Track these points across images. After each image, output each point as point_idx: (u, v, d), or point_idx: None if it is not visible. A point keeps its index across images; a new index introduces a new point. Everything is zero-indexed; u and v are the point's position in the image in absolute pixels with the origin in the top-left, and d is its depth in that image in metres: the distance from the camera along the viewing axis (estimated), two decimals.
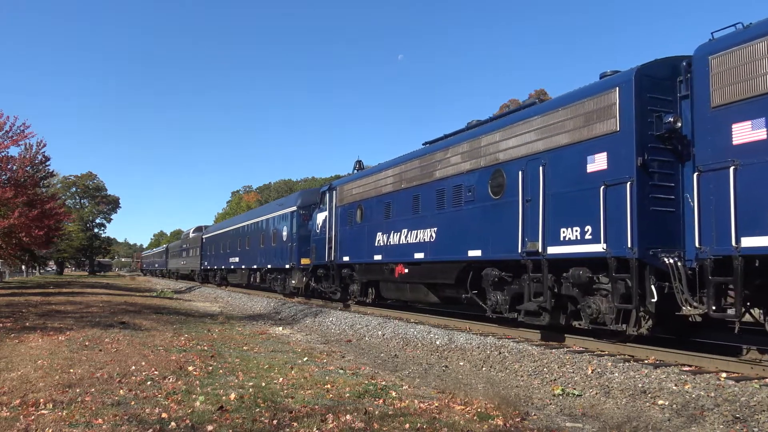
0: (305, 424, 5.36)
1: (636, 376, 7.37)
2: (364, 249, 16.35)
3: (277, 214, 25.80)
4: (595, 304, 8.90)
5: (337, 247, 18.07)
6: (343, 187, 18.24)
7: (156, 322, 15.23)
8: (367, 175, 16.89)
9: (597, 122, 8.88)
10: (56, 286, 36.80)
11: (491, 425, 5.64)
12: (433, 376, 8.94)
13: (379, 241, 15.37)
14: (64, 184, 78.98)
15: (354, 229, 17.09)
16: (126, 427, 5.17)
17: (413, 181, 13.98)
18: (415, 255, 13.55)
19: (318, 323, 16.11)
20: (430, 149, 13.74)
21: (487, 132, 11.61)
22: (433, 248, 12.92)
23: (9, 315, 15.73)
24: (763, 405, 5.96)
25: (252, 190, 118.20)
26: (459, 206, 12.05)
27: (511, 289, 10.75)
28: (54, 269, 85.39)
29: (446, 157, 12.72)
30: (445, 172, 12.66)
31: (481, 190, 11.36)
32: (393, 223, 14.76)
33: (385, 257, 15.14)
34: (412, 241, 13.76)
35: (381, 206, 15.51)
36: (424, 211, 13.35)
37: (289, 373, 8.21)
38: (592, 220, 8.77)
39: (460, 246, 11.88)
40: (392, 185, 15.02)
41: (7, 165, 24.28)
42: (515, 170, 10.43)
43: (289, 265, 22.98)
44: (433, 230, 12.95)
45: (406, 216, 14.16)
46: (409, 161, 14.36)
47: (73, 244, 75.62)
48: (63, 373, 7.60)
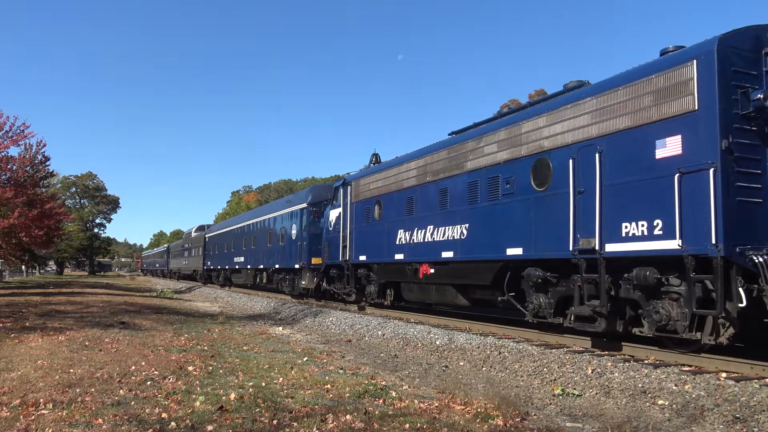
0: (305, 424, 5.35)
1: (636, 376, 7.37)
2: (383, 248, 15.25)
3: (286, 211, 24.59)
4: (664, 309, 7.89)
5: (353, 245, 16.97)
6: (359, 182, 17.03)
7: (156, 322, 15.24)
8: (387, 168, 15.66)
9: (668, 101, 7.85)
10: (56, 286, 36.79)
11: (491, 425, 5.64)
12: (433, 376, 8.93)
13: (401, 238, 14.29)
14: (64, 184, 78.99)
15: (372, 226, 15.98)
16: (126, 427, 5.17)
17: (440, 173, 12.85)
18: (442, 254, 12.49)
19: (318, 323, 16.10)
20: (460, 138, 12.54)
21: (529, 117, 10.44)
22: (464, 246, 11.83)
23: (9, 315, 15.73)
24: (763, 405, 5.96)
25: (252, 190, 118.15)
26: (495, 200, 10.98)
27: (556, 291, 9.78)
28: (54, 269, 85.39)
29: (479, 146, 11.61)
30: (478, 162, 11.54)
31: (522, 181, 10.29)
32: (417, 220, 13.69)
33: (407, 256, 14.06)
34: (439, 239, 12.69)
35: (403, 201, 14.40)
36: (454, 206, 12.26)
37: (289, 373, 8.21)
38: (664, 212, 7.71)
39: (496, 244, 10.83)
40: (416, 178, 13.87)
41: (7, 165, 24.28)
42: (564, 159, 9.39)
43: (299, 264, 21.81)
44: (464, 227, 11.82)
45: (432, 211, 13.08)
46: (435, 152, 13.19)
47: (73, 244, 75.65)
48: (63, 373, 7.60)
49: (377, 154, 18.36)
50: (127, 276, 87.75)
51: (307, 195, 22.63)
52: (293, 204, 23.81)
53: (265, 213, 28.68)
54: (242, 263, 31.34)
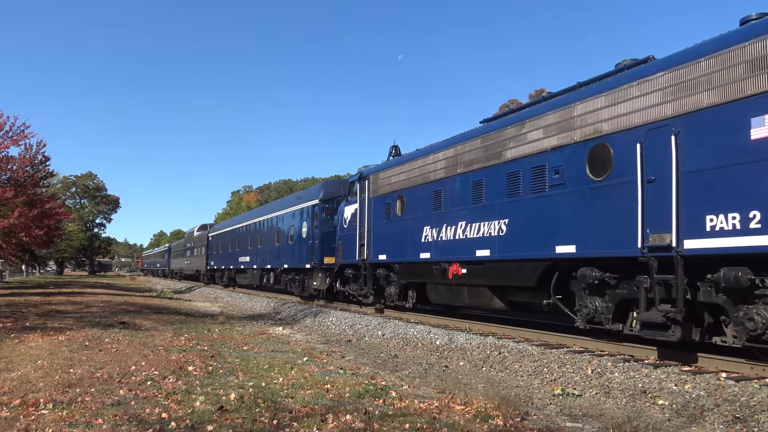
0: (305, 424, 5.35)
1: (636, 376, 7.37)
2: (406, 246, 14.09)
3: (296, 208, 23.27)
4: (760, 316, 6.79)
5: (371, 244, 15.83)
6: (378, 176, 15.79)
7: (156, 322, 15.24)
8: (410, 160, 14.47)
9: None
10: (56, 286, 36.80)
11: (491, 425, 5.64)
12: (433, 376, 8.93)
13: (427, 236, 13.18)
14: (64, 184, 79.03)
15: (393, 223, 14.84)
16: (126, 427, 5.17)
17: (474, 164, 11.66)
18: (477, 252, 11.37)
19: (318, 323, 16.11)
20: (497, 125, 11.36)
21: (583, 98, 9.31)
22: (502, 244, 10.72)
23: (9, 315, 15.73)
24: (763, 405, 5.96)
25: (252, 190, 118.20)
26: (541, 192, 9.87)
27: (615, 294, 8.67)
28: (54, 269, 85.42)
29: (521, 132, 10.45)
30: (521, 151, 10.41)
31: (575, 170, 9.19)
32: (446, 215, 12.51)
33: (435, 255, 12.90)
34: (472, 236, 11.54)
35: (429, 195, 13.22)
36: (490, 199, 11.12)
37: (289, 373, 8.22)
38: (761, 203, 6.65)
39: (543, 241, 9.75)
40: (444, 170, 12.69)
41: (7, 165, 24.28)
42: (629, 143, 8.25)
43: (310, 264, 20.59)
44: (502, 222, 10.72)
45: (463, 206, 11.93)
46: (468, 141, 12.01)
47: (73, 244, 75.67)
48: (63, 373, 7.61)
49: (397, 146, 17.01)
50: (127, 276, 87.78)
51: (318, 191, 21.29)
52: (304, 201, 22.60)
53: (272, 210, 27.56)
54: (248, 263, 30.37)
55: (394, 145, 16.97)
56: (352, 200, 17.36)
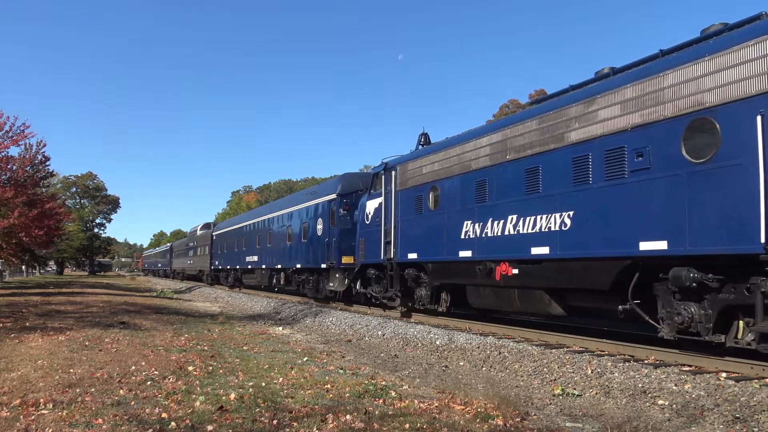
0: (305, 424, 5.36)
1: (636, 376, 7.37)
2: (440, 243, 12.78)
3: (310, 204, 21.69)
4: None
5: (398, 241, 14.52)
6: (407, 166, 14.48)
7: (156, 322, 15.25)
8: (445, 147, 13.10)
9: None
10: (56, 286, 36.83)
11: (491, 425, 5.64)
12: (433, 376, 8.94)
13: (468, 232, 11.82)
14: (64, 184, 79.08)
15: (424, 218, 13.52)
16: (126, 427, 5.18)
17: (527, 149, 10.32)
18: (532, 250, 10.06)
19: (318, 323, 16.11)
20: (558, 103, 9.96)
21: (675, 66, 7.90)
22: (566, 240, 9.37)
23: (9, 315, 15.74)
24: (763, 405, 5.96)
25: (252, 190, 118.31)
26: (618, 178, 8.49)
27: (717, 299, 7.44)
28: (54, 269, 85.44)
29: (591, 110, 9.09)
30: (590, 131, 9.05)
31: (666, 151, 7.79)
32: (492, 208, 11.15)
33: (477, 253, 11.51)
34: (526, 231, 10.23)
35: (470, 186, 11.85)
36: (549, 189, 9.78)
37: (289, 373, 8.22)
38: None
39: (621, 236, 8.39)
40: (489, 157, 11.32)
41: (7, 165, 24.30)
42: (743, 116, 6.91)
43: (326, 264, 19.17)
44: (566, 215, 9.38)
45: (514, 197, 10.57)
46: (519, 123, 10.68)
47: (73, 244, 75.67)
48: (63, 373, 7.61)
49: (426, 134, 15.59)
50: (127, 276, 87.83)
51: (336, 185, 19.65)
52: (318, 195, 21.06)
53: (283, 207, 25.90)
54: (256, 263, 28.72)
55: (423, 133, 15.62)
56: (375, 194, 16.08)
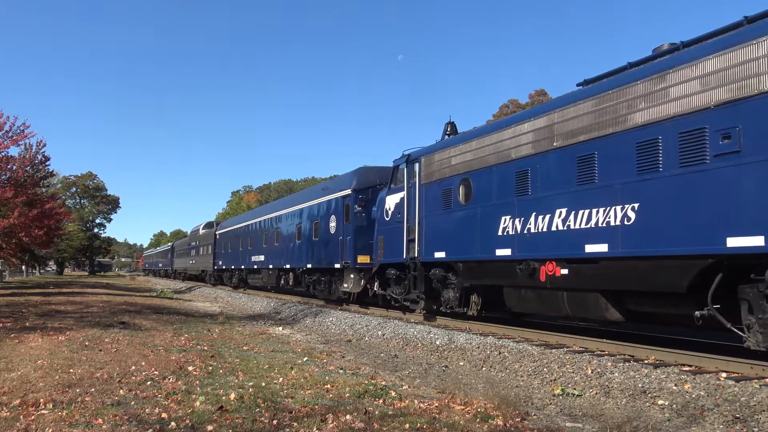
0: (305, 424, 5.36)
1: (636, 376, 7.37)
2: (473, 241, 11.72)
3: (322, 200, 20.55)
4: None
5: (423, 239, 13.52)
6: (433, 157, 13.42)
7: (156, 322, 15.25)
8: (479, 135, 11.97)
9: None
10: (56, 286, 36.83)
11: (491, 425, 5.64)
12: (433, 376, 8.94)
13: (506, 228, 10.78)
14: (64, 184, 79.10)
15: (454, 213, 12.45)
16: (126, 427, 5.18)
17: (579, 134, 9.30)
18: (586, 248, 9.01)
19: (318, 323, 16.11)
20: (618, 82, 8.88)
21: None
22: (629, 236, 8.34)
23: (9, 315, 15.74)
24: (763, 405, 5.96)
25: (252, 190, 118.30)
26: (698, 164, 7.48)
27: None
28: (54, 269, 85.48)
29: (660, 87, 8.04)
30: (659, 112, 8.01)
31: (761, 131, 6.81)
32: (535, 202, 10.16)
33: (518, 251, 10.50)
34: (579, 227, 9.20)
35: (509, 177, 10.82)
36: (608, 179, 8.76)
37: (289, 373, 8.22)
38: None
39: (703, 231, 7.43)
40: (532, 145, 10.30)
41: (7, 165, 24.31)
42: None
43: (341, 264, 18.10)
44: (629, 208, 8.33)
45: (564, 189, 9.55)
46: (570, 105, 9.57)
47: (73, 244, 75.67)
48: (63, 373, 7.61)
49: (453, 122, 14.46)
50: (127, 276, 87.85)
51: (350, 179, 18.51)
52: (331, 191, 19.90)
53: (292, 204, 24.65)
54: (262, 263, 27.50)
55: (449, 122, 14.46)
56: (395, 188, 15.02)
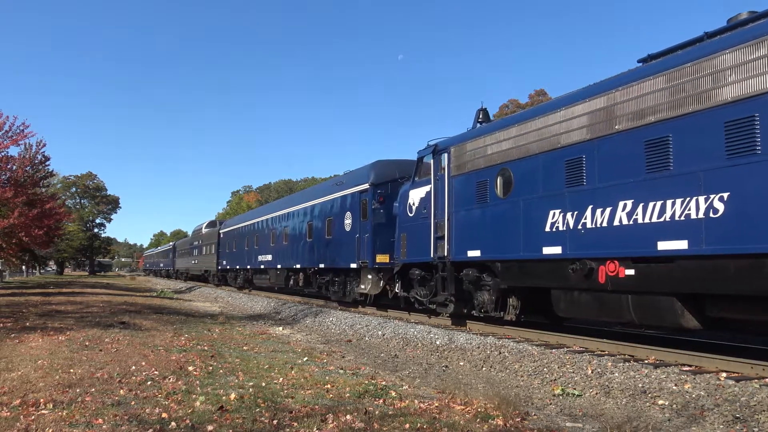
0: (305, 424, 5.36)
1: (636, 376, 7.37)
2: (514, 238, 10.62)
3: (335, 196, 19.36)
4: None
5: (453, 236, 12.41)
6: (464, 147, 12.28)
7: (156, 322, 15.25)
8: (520, 121, 10.83)
9: None
10: (56, 286, 36.84)
11: (491, 425, 5.65)
12: (433, 376, 8.94)
13: (556, 223, 9.69)
14: (64, 184, 79.17)
15: (491, 207, 11.34)
16: (126, 427, 5.18)
17: (649, 114, 8.18)
18: (659, 244, 7.92)
19: (318, 323, 16.12)
20: (697, 53, 7.80)
21: None
22: (716, 231, 7.25)
23: (9, 315, 15.74)
24: (763, 405, 5.97)
25: (252, 190, 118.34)
26: None
27: None
28: (54, 269, 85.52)
29: (757, 56, 6.92)
30: (756, 85, 6.90)
31: None
32: (592, 193, 9.05)
33: (570, 250, 9.41)
34: (648, 221, 8.07)
35: (558, 167, 9.72)
36: (687, 165, 7.68)
37: (289, 373, 8.22)
38: None
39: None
40: (588, 129, 9.20)
41: (6, 165, 24.31)
42: None
43: (357, 264, 17.03)
44: (715, 198, 7.28)
45: (628, 177, 8.44)
46: (635, 83, 8.44)
47: (73, 244, 75.74)
48: (63, 373, 7.61)
49: (485, 109, 13.37)
50: (127, 276, 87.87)
51: (368, 173, 17.30)
52: (346, 186, 18.75)
53: (303, 200, 23.42)
54: (269, 263, 26.39)
55: (482, 108, 13.33)
56: (420, 181, 13.99)
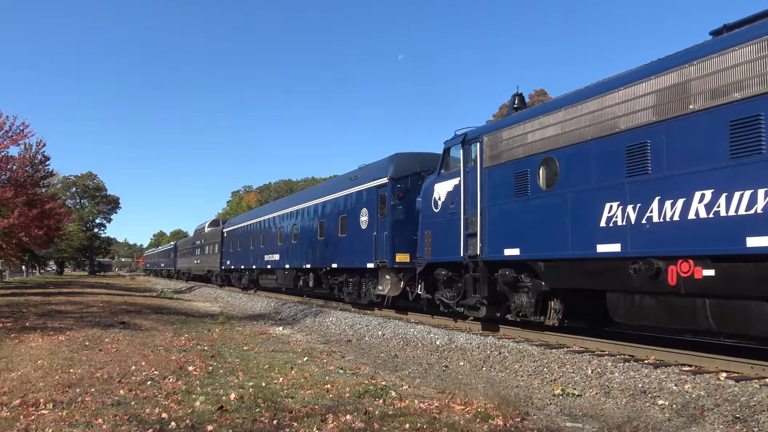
0: (305, 424, 5.36)
1: (636, 376, 7.37)
2: (561, 234, 9.54)
3: (350, 191, 18.28)
4: None
5: (486, 233, 11.33)
6: (499, 135, 11.17)
7: (156, 322, 15.25)
8: (567, 105, 9.67)
9: None
10: (56, 286, 36.83)
11: (491, 425, 5.64)
12: (433, 376, 8.94)
13: (613, 218, 8.55)
14: (64, 184, 79.15)
15: (532, 201, 10.31)
16: (126, 427, 5.18)
17: (735, 90, 7.07)
18: (748, 241, 6.85)
19: (318, 323, 16.11)
20: None
21: None
22: None
23: (9, 315, 15.74)
24: (763, 405, 5.96)
25: (252, 190, 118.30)
26: None
27: None
28: (54, 269, 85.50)
29: None
30: None
31: None
32: (660, 183, 7.89)
33: (631, 247, 8.26)
34: (734, 213, 6.99)
35: (616, 154, 8.57)
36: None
37: (289, 373, 8.22)
38: None
39: None
40: (653, 110, 8.04)
41: (6, 165, 24.30)
42: None
43: (375, 263, 16.03)
44: None
45: (708, 164, 7.33)
46: (714, 55, 7.38)
47: (73, 244, 75.69)
48: (63, 373, 7.61)
49: (521, 94, 12.28)
50: (127, 276, 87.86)
51: (386, 167, 16.21)
52: (362, 181, 17.57)
53: (313, 197, 22.29)
54: (277, 262, 25.28)
55: (517, 93, 12.24)
56: (447, 174, 12.97)
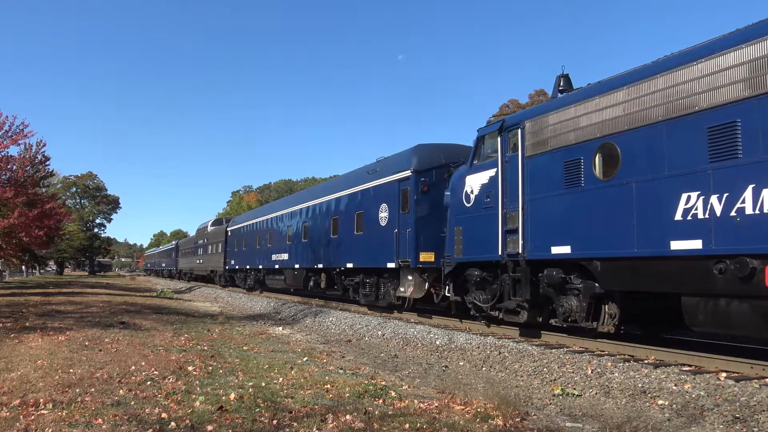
0: (305, 424, 5.36)
1: (636, 376, 7.37)
2: (624, 229, 8.40)
3: (368, 186, 16.89)
4: None
5: (529, 228, 10.28)
6: (545, 120, 10.08)
7: (156, 322, 15.24)
8: (629, 83, 8.54)
9: None
10: (56, 286, 36.83)
11: (491, 425, 5.64)
12: (433, 376, 8.94)
13: (693, 210, 7.41)
14: (64, 184, 79.18)
15: (586, 192, 9.17)
16: (126, 427, 5.17)
17: None
18: None
19: (318, 323, 16.11)
20: None
21: None
22: None
23: (9, 315, 15.74)
24: (763, 405, 5.96)
25: (252, 190, 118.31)
26: None
27: None
28: (54, 269, 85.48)
29: None
30: None
31: None
32: (754, 168, 6.79)
33: (717, 244, 7.13)
34: None
35: (695, 136, 7.49)
36: None
37: (289, 373, 8.22)
38: None
39: None
40: (744, 84, 6.96)
41: (6, 165, 24.28)
42: None
43: (396, 263, 14.84)
44: None
45: None
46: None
47: (73, 244, 75.72)
48: (63, 373, 7.61)
49: (567, 75, 11.00)
50: (127, 276, 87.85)
51: (409, 159, 14.99)
52: (381, 175, 16.25)
53: (325, 193, 20.67)
54: (285, 262, 24.00)
55: (563, 74, 11.05)
56: (481, 164, 11.79)
